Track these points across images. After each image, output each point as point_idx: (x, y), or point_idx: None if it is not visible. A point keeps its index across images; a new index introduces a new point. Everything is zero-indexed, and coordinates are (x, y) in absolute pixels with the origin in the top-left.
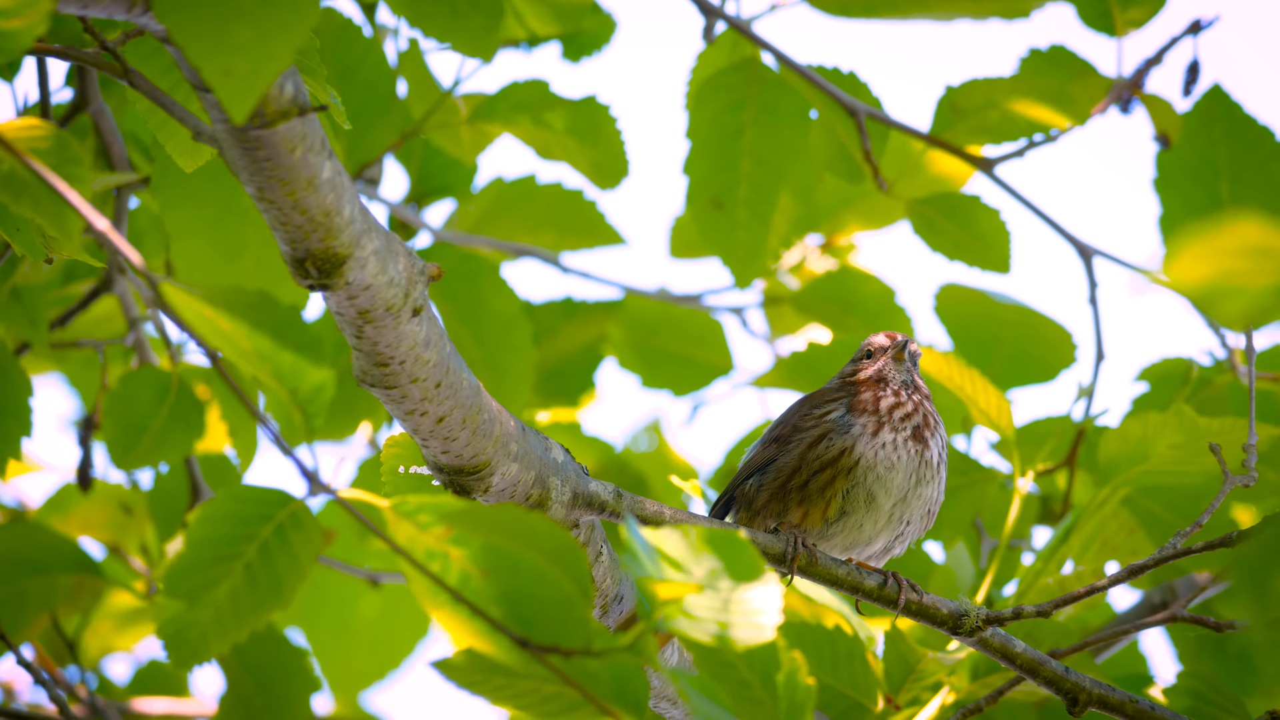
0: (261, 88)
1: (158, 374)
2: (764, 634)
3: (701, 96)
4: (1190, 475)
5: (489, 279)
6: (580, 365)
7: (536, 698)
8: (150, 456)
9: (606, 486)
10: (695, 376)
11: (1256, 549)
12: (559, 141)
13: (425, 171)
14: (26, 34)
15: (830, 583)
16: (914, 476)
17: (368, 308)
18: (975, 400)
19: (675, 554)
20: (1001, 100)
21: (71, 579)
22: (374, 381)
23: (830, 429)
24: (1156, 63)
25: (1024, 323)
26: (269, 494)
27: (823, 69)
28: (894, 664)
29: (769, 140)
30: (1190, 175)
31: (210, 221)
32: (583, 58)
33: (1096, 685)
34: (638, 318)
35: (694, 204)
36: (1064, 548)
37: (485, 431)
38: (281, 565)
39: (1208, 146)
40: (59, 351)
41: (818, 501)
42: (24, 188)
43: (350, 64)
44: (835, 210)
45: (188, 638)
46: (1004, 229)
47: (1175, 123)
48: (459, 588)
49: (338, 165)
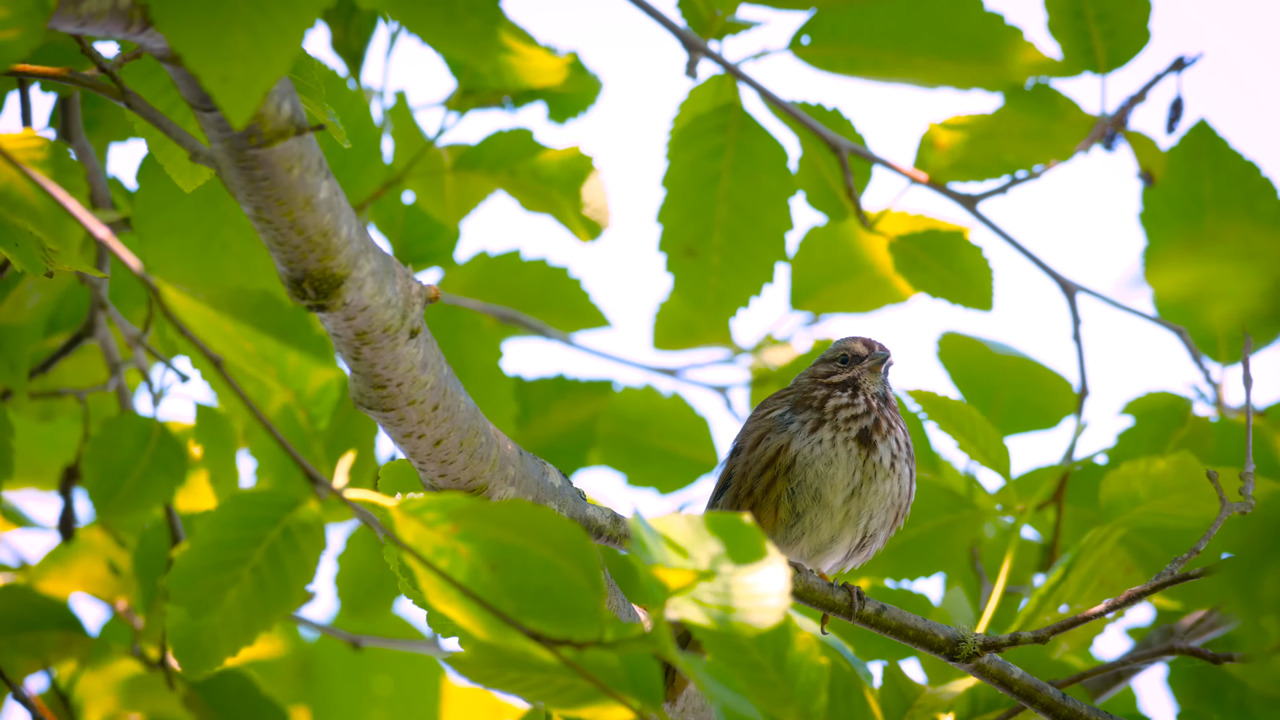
0: (259, 94)
1: (139, 421)
2: (773, 616)
3: (680, 143)
4: (1190, 520)
5: (472, 332)
6: (574, 443)
7: (550, 689)
8: (132, 504)
9: (604, 512)
10: (681, 473)
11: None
12: (542, 193)
13: (408, 238)
14: (20, 45)
15: (799, 596)
16: (859, 474)
17: (365, 329)
18: (974, 439)
19: (681, 540)
20: (984, 138)
21: (58, 636)
22: (371, 404)
23: (768, 429)
24: (1140, 100)
25: (1023, 371)
26: (276, 497)
27: (806, 105)
28: (891, 699)
29: (746, 187)
30: (1175, 210)
31: (192, 254)
32: (568, 119)
33: (1094, 712)
34: (622, 414)
35: (667, 251)
36: (1062, 586)
37: (482, 455)
38: (290, 568)
39: (1193, 181)
40: (45, 403)
41: (767, 506)
42: (22, 199)
43: (335, 112)
44: (820, 288)
45: (198, 643)
46: (986, 266)
47: (1159, 160)
48: (468, 583)
49: (335, 185)
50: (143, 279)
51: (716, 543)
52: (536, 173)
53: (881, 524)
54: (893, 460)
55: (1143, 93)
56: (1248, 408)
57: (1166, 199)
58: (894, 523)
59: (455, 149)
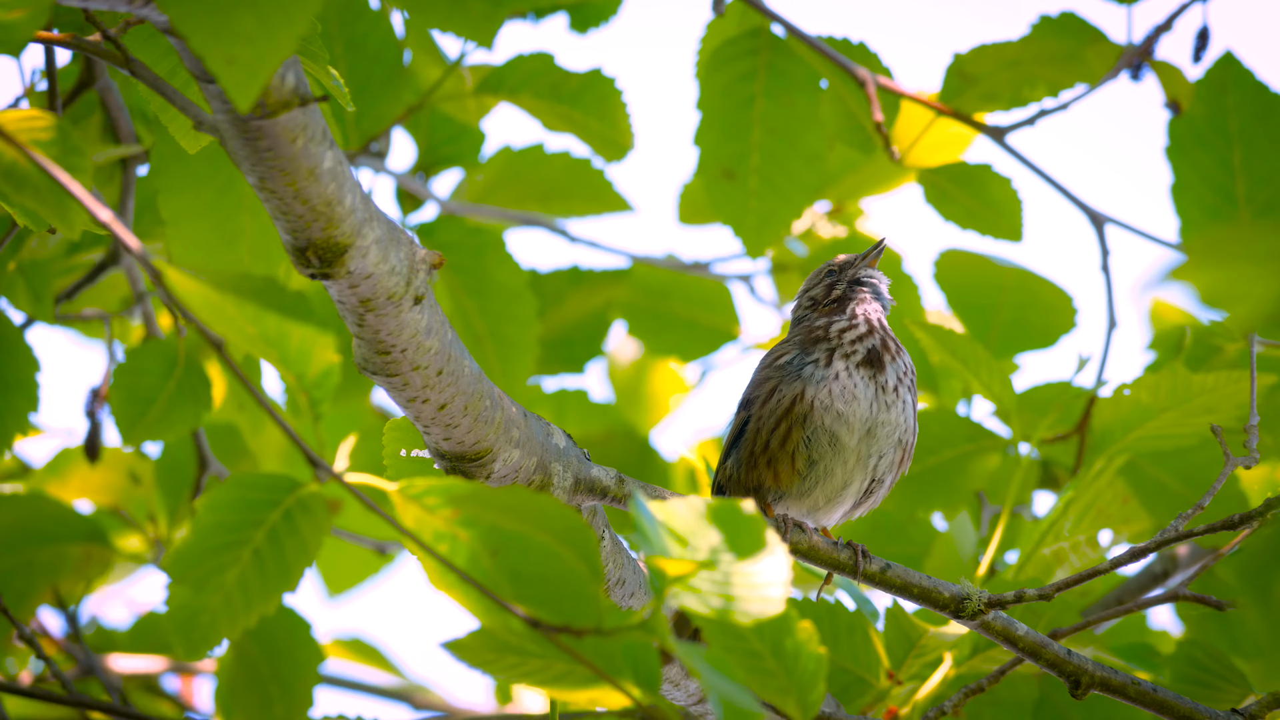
0: (265, 76)
1: (165, 347)
2: (773, 606)
3: (712, 66)
4: (1187, 438)
5: (495, 252)
6: (588, 333)
7: (549, 674)
8: (157, 430)
9: (608, 472)
10: (703, 342)
11: (1259, 549)
12: (565, 114)
13: (433, 140)
14: (28, 25)
15: (804, 555)
16: (875, 405)
17: (369, 296)
18: (977, 371)
19: (682, 528)
20: (1010, 65)
21: (79, 549)
22: (376, 369)
23: (779, 379)
24: (1166, 29)
25: (1024, 287)
26: (277, 479)
27: (832, 39)
28: (895, 639)
29: (780, 109)
30: (1202, 143)
31: (206, 208)
32: (590, 29)
33: (1099, 668)
34: (645, 283)
35: (705, 174)
36: (1061, 520)
37: (487, 418)
38: (290, 550)
39: (1220, 114)
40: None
41: (784, 459)
42: (25, 179)
43: (357, 36)
44: (842, 176)
45: (197, 624)
46: (1016, 197)
47: (1186, 89)
48: (468, 568)
49: (339, 154)
50: (142, 261)
51: (717, 532)
52: (559, 93)
53: (889, 466)
54: (896, 384)
55: (1169, 22)
56: (1251, 355)
57: (1193, 133)
58: (900, 464)
59: (478, 70)
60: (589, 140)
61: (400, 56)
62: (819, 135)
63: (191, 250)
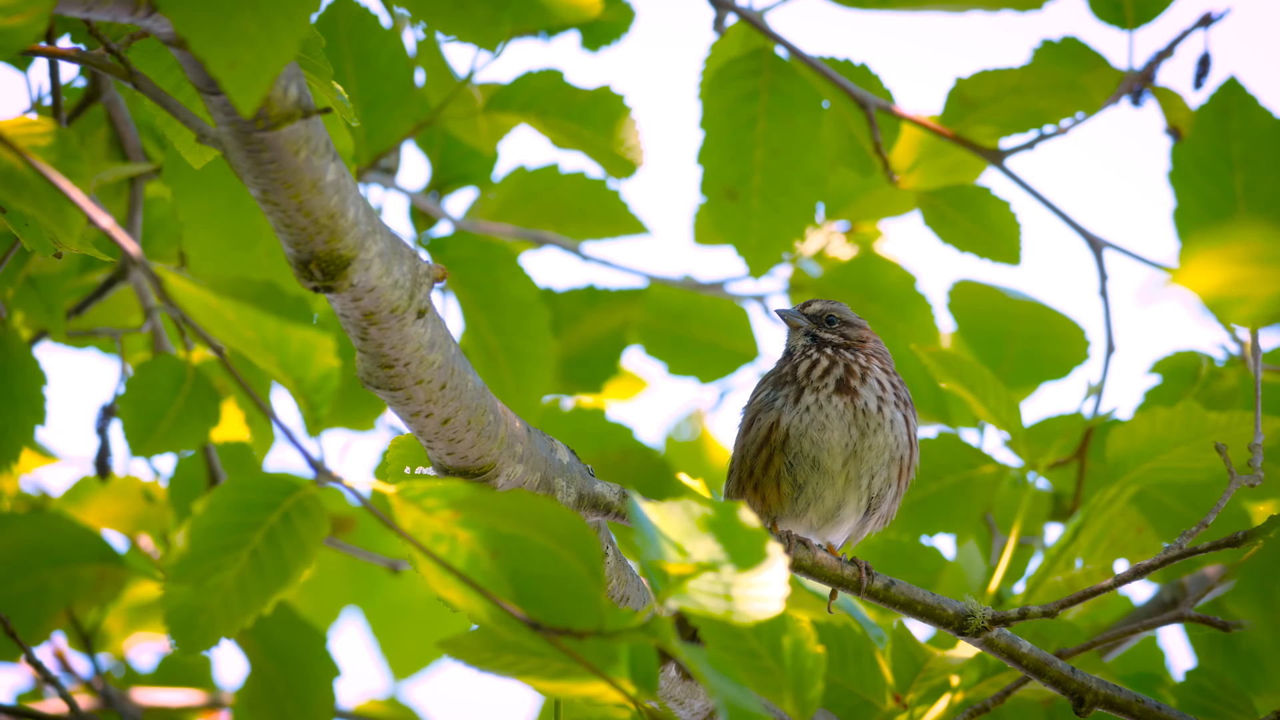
0: (268, 79)
1: (174, 362)
2: (771, 607)
3: (714, 86)
4: (1199, 472)
5: (507, 266)
6: (604, 352)
7: (547, 673)
8: (167, 444)
9: (612, 488)
10: (721, 363)
11: (1262, 555)
12: (574, 131)
13: (446, 160)
14: (27, 31)
15: (808, 572)
16: (853, 429)
17: (372, 310)
18: (984, 398)
19: (679, 535)
20: (1011, 91)
21: (94, 570)
22: (379, 383)
23: (758, 410)
24: (1167, 55)
25: (1036, 319)
26: (276, 482)
27: (834, 61)
28: (901, 662)
29: (782, 130)
30: (1204, 169)
31: (223, 210)
32: (601, 47)
33: (1103, 685)
34: (662, 305)
35: (708, 194)
36: (1073, 546)
37: (490, 433)
38: (288, 551)
39: (1222, 140)
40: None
41: (769, 484)
42: (24, 185)
43: (367, 52)
44: (857, 197)
45: (195, 624)
46: (1015, 221)
47: (1186, 116)
48: (468, 569)
49: (342, 167)
50: (142, 267)
51: (715, 538)
52: (567, 111)
53: (885, 483)
54: (879, 404)
55: (1170, 48)
56: (1256, 376)
57: (1195, 158)
58: (900, 479)
59: (487, 88)
60: (598, 157)
61: (411, 73)
62: (821, 156)
63: (209, 253)
